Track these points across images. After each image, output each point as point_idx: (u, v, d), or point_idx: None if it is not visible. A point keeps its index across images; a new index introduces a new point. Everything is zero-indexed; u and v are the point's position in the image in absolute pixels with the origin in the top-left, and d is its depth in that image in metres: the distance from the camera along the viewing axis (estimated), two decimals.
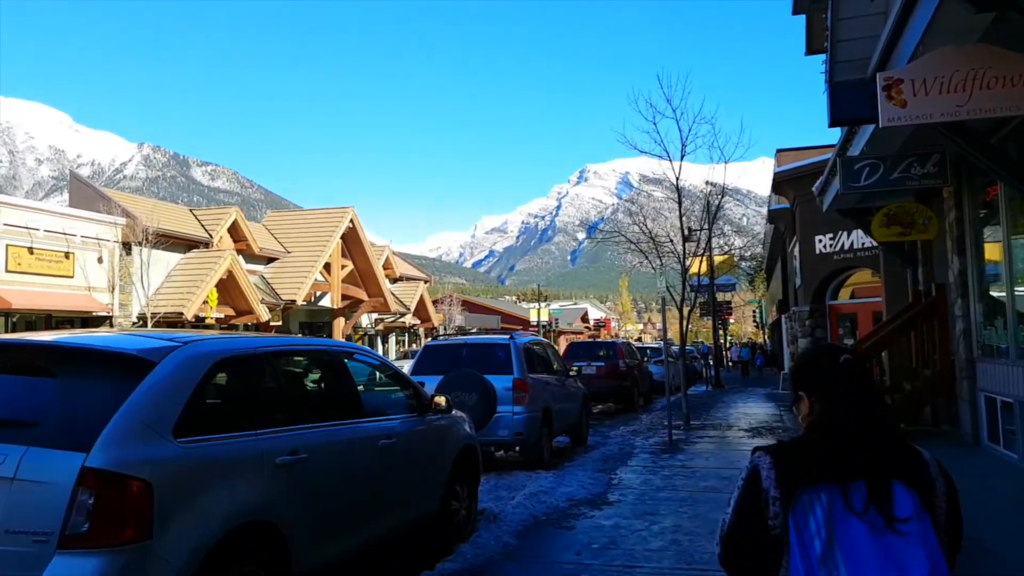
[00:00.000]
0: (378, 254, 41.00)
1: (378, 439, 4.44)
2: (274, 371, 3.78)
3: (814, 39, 20.55)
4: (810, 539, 1.56)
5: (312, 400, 4.34)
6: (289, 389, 4.01)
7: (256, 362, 3.59)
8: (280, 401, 3.79)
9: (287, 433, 3.59)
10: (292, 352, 4.22)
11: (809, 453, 1.64)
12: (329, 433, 3.94)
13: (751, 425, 13.81)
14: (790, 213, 19.41)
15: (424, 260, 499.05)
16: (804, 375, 1.77)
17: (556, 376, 10.77)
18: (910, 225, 9.60)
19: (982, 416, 9.00)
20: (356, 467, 4.15)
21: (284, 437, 3.55)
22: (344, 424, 4.12)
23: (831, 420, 1.66)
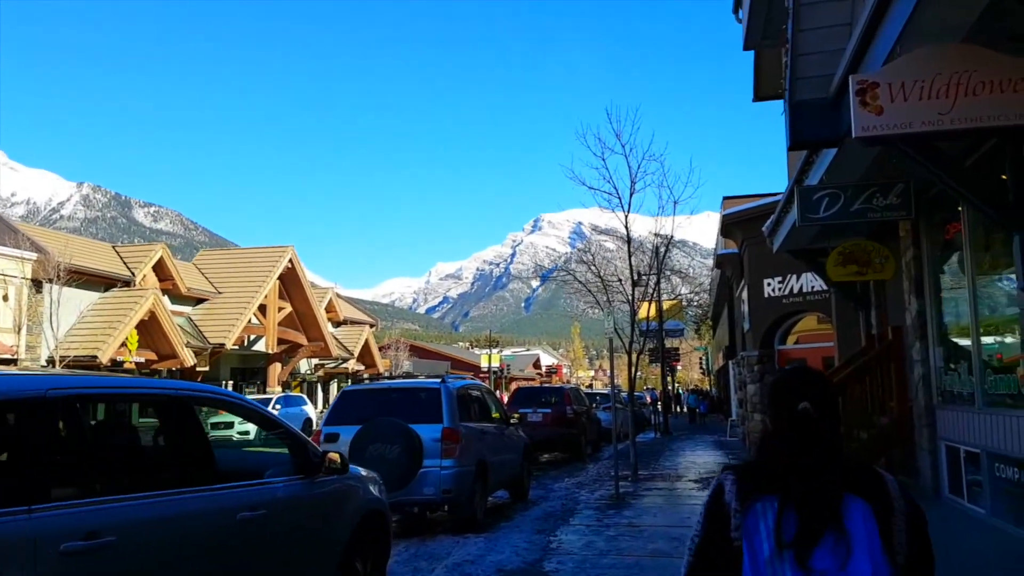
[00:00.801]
0: (320, 296, 39.67)
1: (237, 511, 3.49)
2: (73, 421, 2.84)
3: (762, 83, 20.61)
4: (759, 543, 1.63)
5: (134, 461, 3.33)
6: (95, 446, 3.06)
7: (37, 409, 2.60)
8: (78, 463, 2.84)
9: (83, 508, 2.64)
10: (103, 396, 3.20)
11: (764, 466, 1.73)
12: (155, 506, 2.97)
13: (700, 475, 13.06)
14: (738, 257, 19.09)
15: (376, 306, 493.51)
16: (768, 404, 1.82)
17: (495, 424, 9.87)
18: (866, 264, 9.12)
19: (943, 467, 8.41)
20: (199, 551, 3.18)
21: (77, 514, 2.60)
22: (183, 493, 3.17)
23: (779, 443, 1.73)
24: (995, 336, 7.04)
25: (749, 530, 1.65)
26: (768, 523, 1.64)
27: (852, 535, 1.60)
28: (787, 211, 10.22)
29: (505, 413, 10.54)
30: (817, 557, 1.58)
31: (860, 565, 1.58)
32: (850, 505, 1.63)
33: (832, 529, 1.60)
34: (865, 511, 1.63)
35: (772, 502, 1.65)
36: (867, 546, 1.59)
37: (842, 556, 1.58)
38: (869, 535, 1.61)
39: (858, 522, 1.61)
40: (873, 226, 9.81)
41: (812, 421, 1.71)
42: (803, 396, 1.73)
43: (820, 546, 1.59)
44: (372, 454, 7.63)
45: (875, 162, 6.97)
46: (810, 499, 1.62)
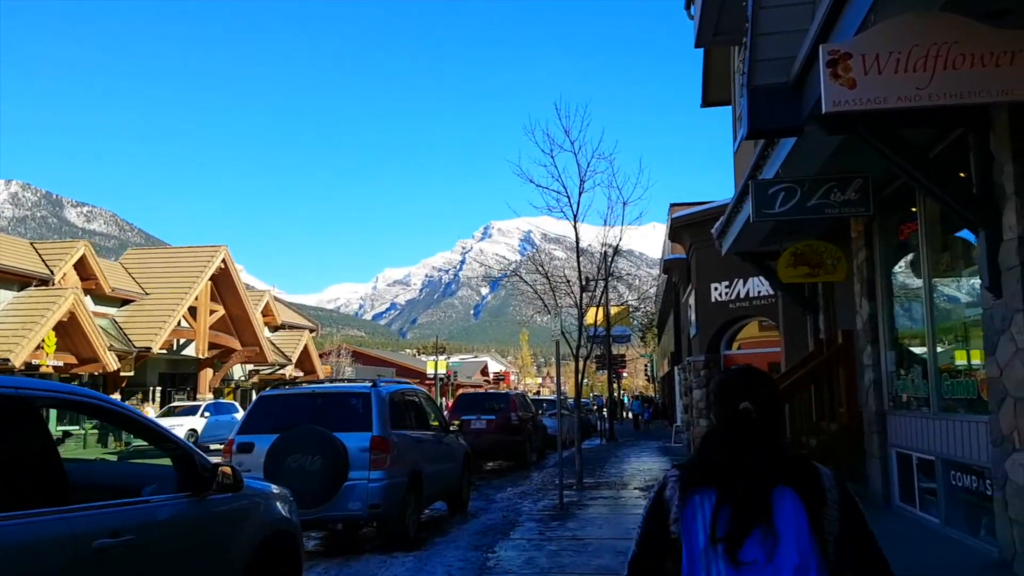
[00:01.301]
0: (256, 299, 38.27)
1: (93, 538, 2.83)
2: None
3: (711, 88, 20.55)
4: (696, 535, 1.68)
5: None
6: None
7: None
8: None
9: None
10: None
11: (704, 463, 1.78)
12: None
13: (645, 482, 12.68)
14: (685, 262, 18.92)
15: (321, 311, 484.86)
16: (712, 403, 1.88)
17: (433, 432, 9.26)
18: (818, 265, 8.86)
19: (894, 474, 8.16)
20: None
21: None
22: (12, 518, 2.50)
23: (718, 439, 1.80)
24: (952, 340, 6.79)
25: (687, 522, 1.71)
26: (705, 516, 1.70)
27: (780, 527, 1.65)
28: (738, 210, 9.92)
29: (444, 420, 9.94)
30: (746, 550, 1.64)
31: (787, 555, 1.63)
32: (782, 496, 1.68)
33: (762, 523, 1.65)
34: (795, 503, 1.67)
35: (710, 495, 1.71)
36: (795, 537, 1.64)
37: (770, 548, 1.63)
38: (798, 526, 1.65)
39: (788, 514, 1.66)
40: (825, 226, 9.60)
41: (752, 420, 1.77)
42: (745, 396, 1.79)
43: (750, 539, 1.65)
44: (291, 466, 6.96)
45: (833, 155, 6.65)
46: (743, 495, 1.68)
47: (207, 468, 3.82)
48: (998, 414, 5.36)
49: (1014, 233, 5.11)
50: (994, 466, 5.45)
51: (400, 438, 7.79)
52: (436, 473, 8.76)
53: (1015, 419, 5.11)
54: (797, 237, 9.93)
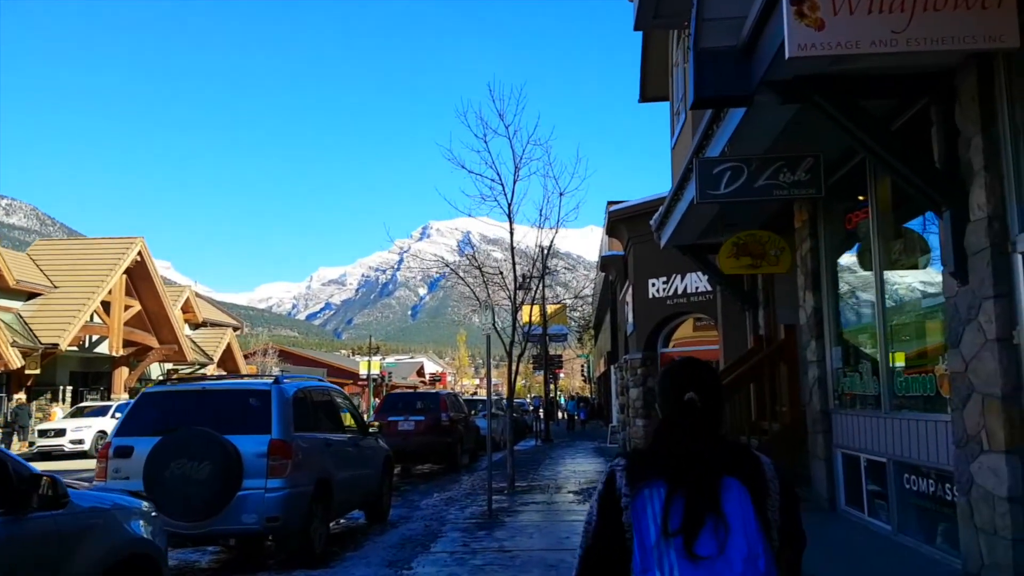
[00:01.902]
0: (176, 295, 36.30)
1: None
2: None
3: (649, 82, 20.19)
4: (646, 528, 1.66)
5: None
6: None
7: None
8: None
9: None
10: None
11: (652, 454, 1.77)
12: None
13: (580, 485, 12.09)
14: (622, 259, 18.48)
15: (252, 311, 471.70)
16: (657, 394, 1.90)
17: (349, 435, 8.39)
18: (761, 256, 8.40)
19: (839, 477, 7.74)
20: None
21: None
22: None
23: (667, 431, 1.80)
24: (906, 334, 6.36)
25: (637, 514, 1.70)
26: (655, 508, 1.68)
27: (729, 518, 1.65)
28: (678, 198, 9.41)
29: (363, 421, 9.08)
30: (701, 543, 1.63)
31: (737, 545, 1.63)
32: (729, 487, 1.68)
33: (713, 513, 1.65)
34: (742, 493, 1.68)
35: (659, 488, 1.70)
36: (742, 527, 1.65)
37: (722, 539, 1.63)
38: (744, 516, 1.66)
39: (735, 504, 1.67)
40: (768, 216, 9.17)
41: (697, 410, 1.79)
42: (690, 386, 1.81)
43: (703, 531, 1.64)
44: (174, 473, 6.04)
45: (784, 133, 6.13)
46: (694, 484, 1.68)
47: (25, 479, 2.95)
48: (962, 412, 4.90)
49: (983, 212, 4.64)
50: (957, 469, 4.99)
51: (306, 441, 6.92)
52: (350, 480, 7.92)
53: (983, 417, 4.65)
54: (738, 229, 9.49)
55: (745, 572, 1.61)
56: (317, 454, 7.12)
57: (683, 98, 16.06)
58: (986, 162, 4.63)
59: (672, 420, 1.80)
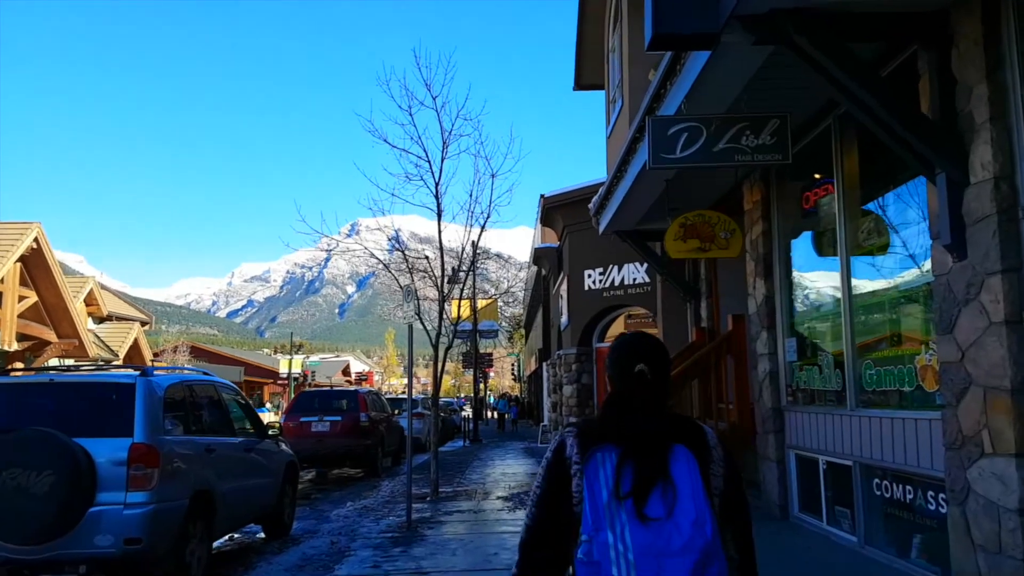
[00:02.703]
0: (78, 287, 33.58)
1: None
2: None
3: (584, 68, 19.44)
4: (599, 489, 1.71)
5: None
6: None
7: None
8: None
9: None
10: None
11: (603, 422, 1.83)
12: None
13: (511, 490, 11.18)
14: (557, 250, 17.72)
15: (169, 307, 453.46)
16: (609, 366, 1.93)
17: (242, 438, 7.22)
18: (710, 239, 7.67)
19: (792, 480, 7.07)
20: None
21: None
22: None
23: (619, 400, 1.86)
24: (877, 321, 5.67)
25: (589, 478, 1.74)
26: (607, 471, 1.73)
27: (678, 482, 1.70)
28: (620, 178, 8.61)
29: (260, 422, 7.90)
30: (651, 505, 1.68)
31: (685, 509, 1.67)
32: (678, 455, 1.74)
33: (662, 478, 1.70)
34: (689, 459, 1.74)
35: (611, 453, 1.75)
36: (691, 492, 1.69)
37: (670, 503, 1.68)
38: (692, 482, 1.71)
39: (683, 470, 1.72)
40: (717, 196, 8.46)
41: (648, 381, 1.84)
42: (640, 359, 1.86)
43: (652, 495, 1.69)
44: (6, 484, 4.81)
45: (749, 88, 5.35)
46: (644, 451, 1.73)
47: None
48: (956, 409, 4.19)
49: (988, 173, 3.93)
50: (949, 475, 4.28)
51: (180, 446, 5.76)
52: (240, 491, 6.76)
53: (984, 415, 3.94)
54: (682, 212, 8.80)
55: (693, 535, 1.65)
56: (195, 461, 5.94)
57: (620, 84, 15.39)
58: (991, 113, 3.92)
59: (623, 390, 1.87)
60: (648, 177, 7.67)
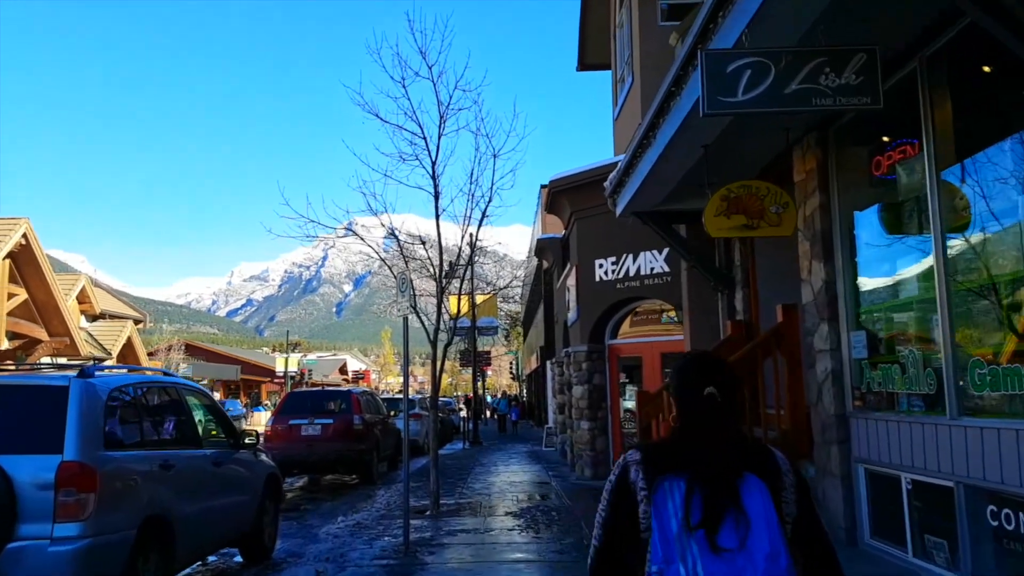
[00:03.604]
0: (70, 284, 32.50)
1: None
2: None
3: (589, 47, 18.28)
4: (667, 520, 1.67)
5: None
6: None
7: None
8: None
9: None
10: None
11: (672, 449, 1.80)
12: None
13: (520, 503, 10.10)
14: (562, 240, 16.60)
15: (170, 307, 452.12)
16: (674, 389, 1.89)
17: (211, 448, 6.12)
18: (758, 215, 6.57)
19: (862, 500, 5.97)
20: None
21: None
22: None
23: (690, 429, 1.81)
24: (988, 307, 4.58)
25: (658, 507, 1.69)
26: (675, 501, 1.68)
27: (751, 514, 1.66)
28: (643, 152, 7.51)
29: (233, 429, 6.79)
30: (723, 536, 1.64)
31: (759, 542, 1.63)
32: (748, 483, 1.69)
33: (733, 509, 1.66)
34: (762, 489, 1.69)
35: (679, 481, 1.70)
36: (765, 522, 1.65)
37: (743, 534, 1.64)
38: (767, 513, 1.66)
39: (756, 501, 1.67)
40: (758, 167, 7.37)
41: (717, 404, 1.79)
42: (708, 381, 1.81)
43: (724, 525, 1.64)
44: None
45: (825, 16, 4.24)
46: (714, 480, 1.68)
47: None
48: None
49: None
50: None
51: (127, 463, 4.67)
52: (207, 513, 5.66)
53: None
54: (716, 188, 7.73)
55: (767, 568, 1.61)
56: (148, 481, 4.85)
57: (629, 61, 14.27)
58: None
59: (690, 415, 1.82)
60: (682, 143, 6.57)
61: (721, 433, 1.76)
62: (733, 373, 1.86)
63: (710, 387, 1.79)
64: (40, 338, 29.64)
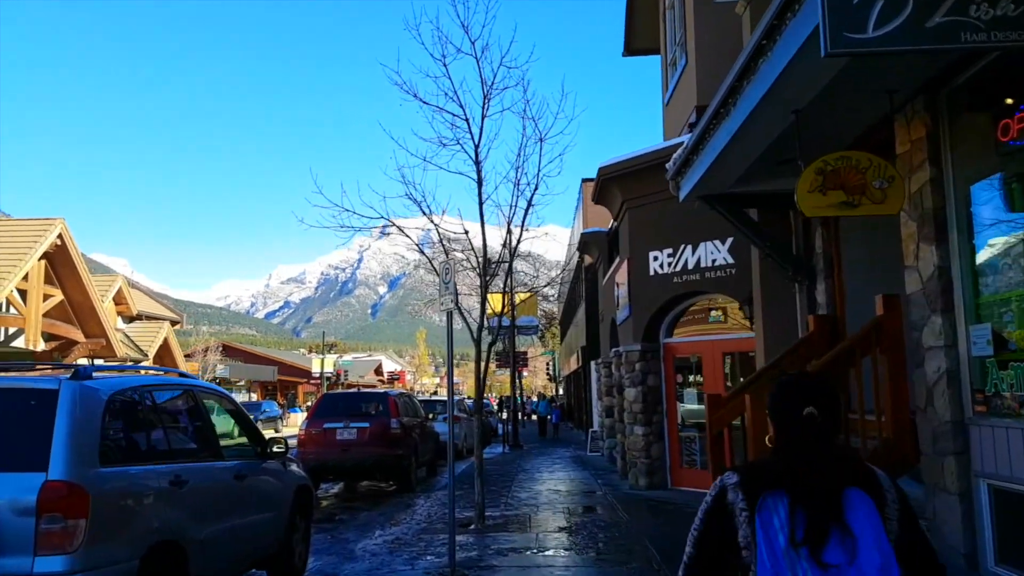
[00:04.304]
0: (107, 285, 32.54)
1: None
2: None
3: (636, 31, 17.40)
4: (774, 534, 1.70)
5: None
6: None
7: None
8: None
9: None
10: None
11: (772, 468, 1.81)
12: None
13: (572, 515, 9.29)
14: (609, 234, 15.76)
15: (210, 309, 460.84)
16: (772, 410, 1.92)
17: (233, 460, 5.44)
18: (859, 190, 5.65)
19: (984, 522, 5.05)
20: None
21: None
22: None
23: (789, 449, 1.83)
24: None
25: (764, 524, 1.71)
26: (781, 517, 1.71)
27: (857, 529, 1.67)
28: (718, 124, 6.67)
29: (260, 437, 6.09)
30: (829, 552, 1.66)
31: (869, 556, 1.64)
32: (853, 500, 1.72)
33: (838, 525, 1.68)
34: (868, 505, 1.71)
35: (782, 498, 1.73)
36: (874, 538, 1.66)
37: (850, 550, 1.65)
38: (875, 527, 1.68)
39: (862, 515, 1.69)
40: (860, 129, 6.46)
41: (817, 424, 1.81)
42: (807, 401, 1.83)
43: (830, 541, 1.66)
44: None
45: None
46: (816, 498, 1.71)
47: None
48: None
49: None
50: None
51: (129, 481, 3.98)
52: (227, 534, 4.97)
53: None
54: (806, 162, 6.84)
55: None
56: (154, 501, 4.16)
57: (682, 42, 13.41)
58: None
59: (790, 436, 1.84)
60: (770, 110, 5.72)
61: (821, 452, 1.80)
62: (834, 392, 1.89)
63: (810, 407, 1.82)
64: (76, 339, 29.64)
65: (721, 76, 6.23)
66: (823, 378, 1.93)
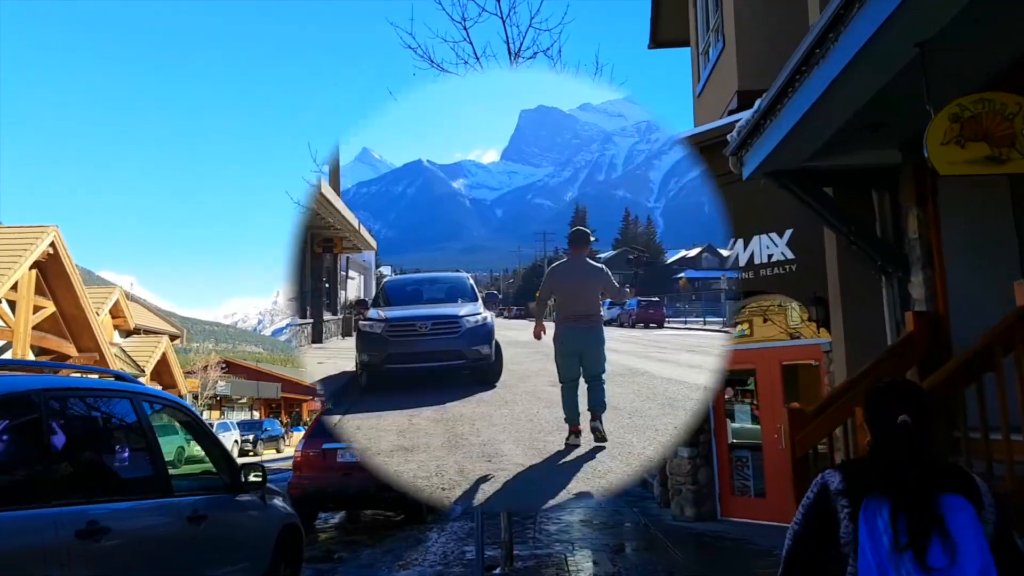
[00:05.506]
0: (103, 297, 31.39)
1: None
2: None
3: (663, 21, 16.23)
4: (879, 536, 1.77)
5: None
6: None
7: None
8: None
9: None
10: None
11: (871, 470, 1.90)
12: None
13: (615, 553, 7.87)
14: None
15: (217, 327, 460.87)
16: (867, 414, 2.02)
17: (186, 495, 4.09)
18: (1007, 142, 4.36)
19: None
20: None
21: None
22: None
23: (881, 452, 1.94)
24: None
25: (869, 524, 1.79)
26: (885, 519, 1.79)
27: (957, 533, 1.74)
28: (800, 81, 5.36)
29: (230, 462, 4.74)
30: (932, 556, 1.73)
31: (970, 558, 1.70)
32: (952, 504, 1.78)
33: (938, 530, 1.74)
34: (967, 509, 1.78)
35: (883, 502, 1.81)
36: (974, 540, 1.73)
37: (951, 553, 1.72)
38: (975, 531, 1.75)
39: (962, 520, 1.76)
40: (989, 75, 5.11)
41: (912, 431, 1.89)
42: (901, 409, 1.91)
43: (932, 545, 1.73)
44: None
45: None
46: (916, 503, 1.79)
47: None
48: None
49: None
50: None
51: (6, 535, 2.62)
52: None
53: None
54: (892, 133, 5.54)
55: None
56: (49, 564, 2.80)
57: (717, 27, 12.23)
58: None
59: (884, 443, 1.92)
60: (883, 45, 4.39)
61: (916, 458, 1.85)
62: (928, 399, 1.99)
63: (904, 415, 1.89)
64: (68, 354, 28.35)
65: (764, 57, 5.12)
66: (916, 385, 2.02)
